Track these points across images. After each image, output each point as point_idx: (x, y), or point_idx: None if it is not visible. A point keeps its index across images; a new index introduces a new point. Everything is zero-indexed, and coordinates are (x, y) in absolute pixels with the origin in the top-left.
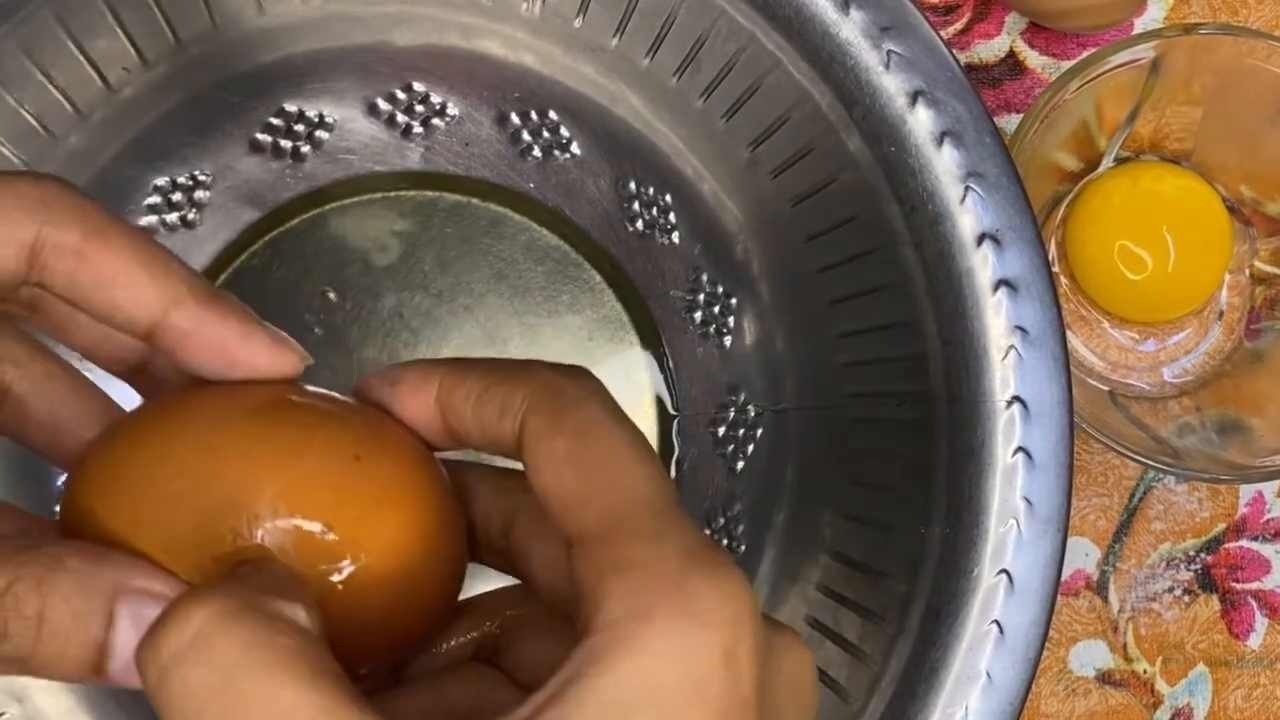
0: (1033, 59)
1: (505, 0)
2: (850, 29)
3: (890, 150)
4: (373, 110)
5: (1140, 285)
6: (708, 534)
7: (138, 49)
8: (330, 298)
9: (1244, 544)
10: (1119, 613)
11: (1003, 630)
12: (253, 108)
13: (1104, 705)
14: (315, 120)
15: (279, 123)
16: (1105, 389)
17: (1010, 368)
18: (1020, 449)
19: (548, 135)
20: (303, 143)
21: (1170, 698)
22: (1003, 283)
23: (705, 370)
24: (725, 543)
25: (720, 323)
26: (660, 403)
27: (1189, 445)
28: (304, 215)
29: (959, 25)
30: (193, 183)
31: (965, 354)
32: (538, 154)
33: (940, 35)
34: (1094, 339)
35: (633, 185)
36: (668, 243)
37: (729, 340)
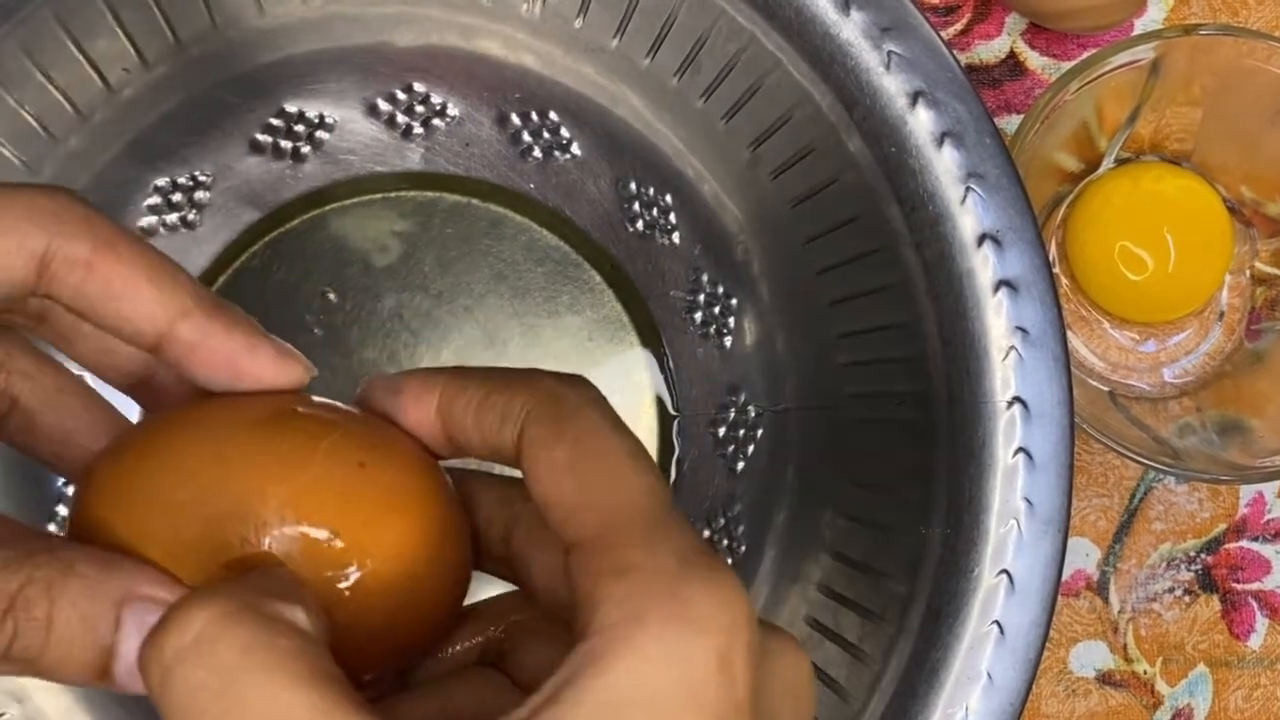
0: (1033, 60)
1: (505, 1)
2: (851, 30)
3: (891, 151)
4: (373, 111)
5: (1141, 286)
6: (708, 534)
7: (138, 49)
8: (330, 298)
9: (1244, 544)
10: (1119, 613)
11: (1003, 630)
12: (253, 108)
13: (1104, 706)
14: (315, 121)
15: (279, 123)
16: (1106, 389)
17: (1011, 368)
18: (1021, 449)
19: (548, 136)
20: (303, 143)
21: (1170, 698)
22: (1003, 283)
23: (705, 371)
24: (725, 543)
25: (720, 323)
26: (660, 403)
27: (1189, 446)
28: (304, 216)
29: (959, 26)
30: (193, 183)
31: (966, 354)
32: (538, 155)
33: (941, 36)
34: (1094, 339)
35: (633, 186)
36: (668, 243)
37: (729, 341)
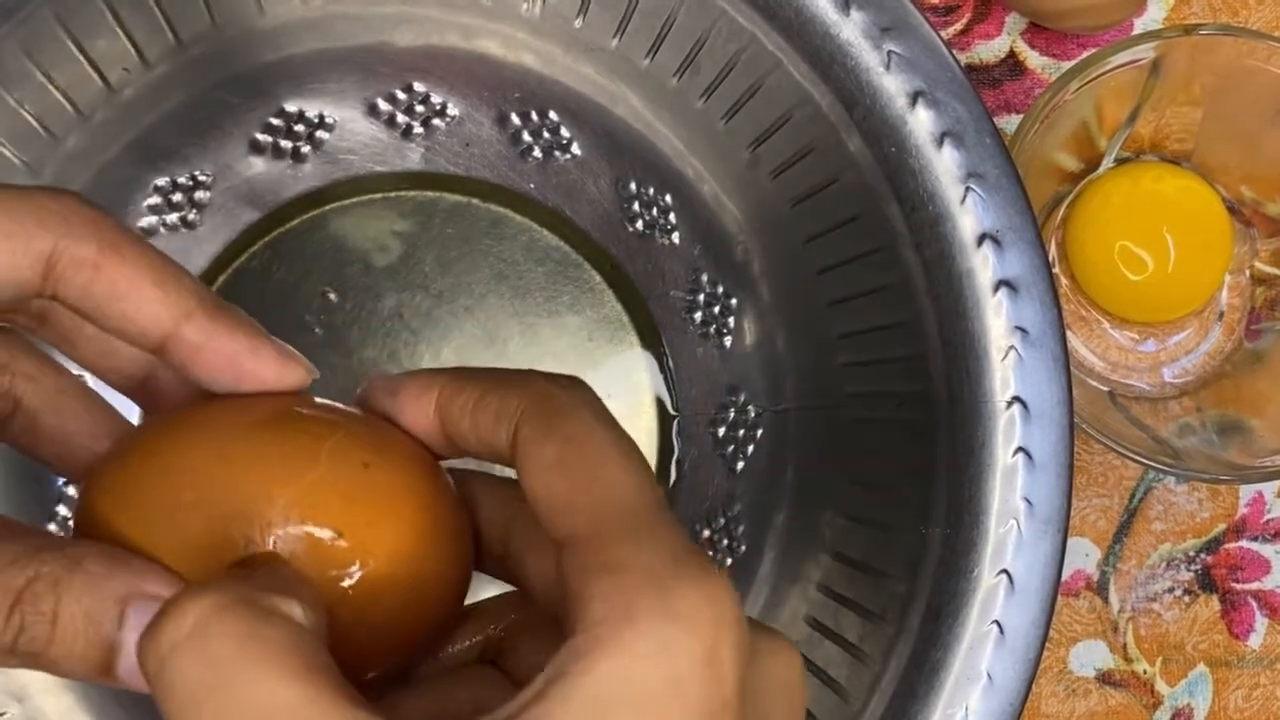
0: (1033, 59)
1: (505, 1)
2: (851, 30)
3: (891, 151)
4: (373, 110)
5: (1140, 286)
6: (707, 534)
7: (138, 49)
8: (330, 298)
9: (1244, 544)
10: (1119, 613)
11: (1003, 630)
12: (253, 108)
13: (1104, 706)
14: (315, 120)
15: (279, 123)
16: (1105, 389)
17: (1010, 368)
18: (1020, 449)
19: (548, 136)
20: (303, 143)
21: (1170, 698)
22: (1003, 283)
23: (705, 370)
24: (725, 543)
25: (720, 323)
26: (660, 403)
27: (1189, 446)
28: (304, 216)
29: (959, 26)
30: (193, 183)
31: (965, 354)
32: (538, 154)
33: (940, 36)
34: (1094, 339)
35: (633, 186)
36: (668, 243)
37: (729, 341)
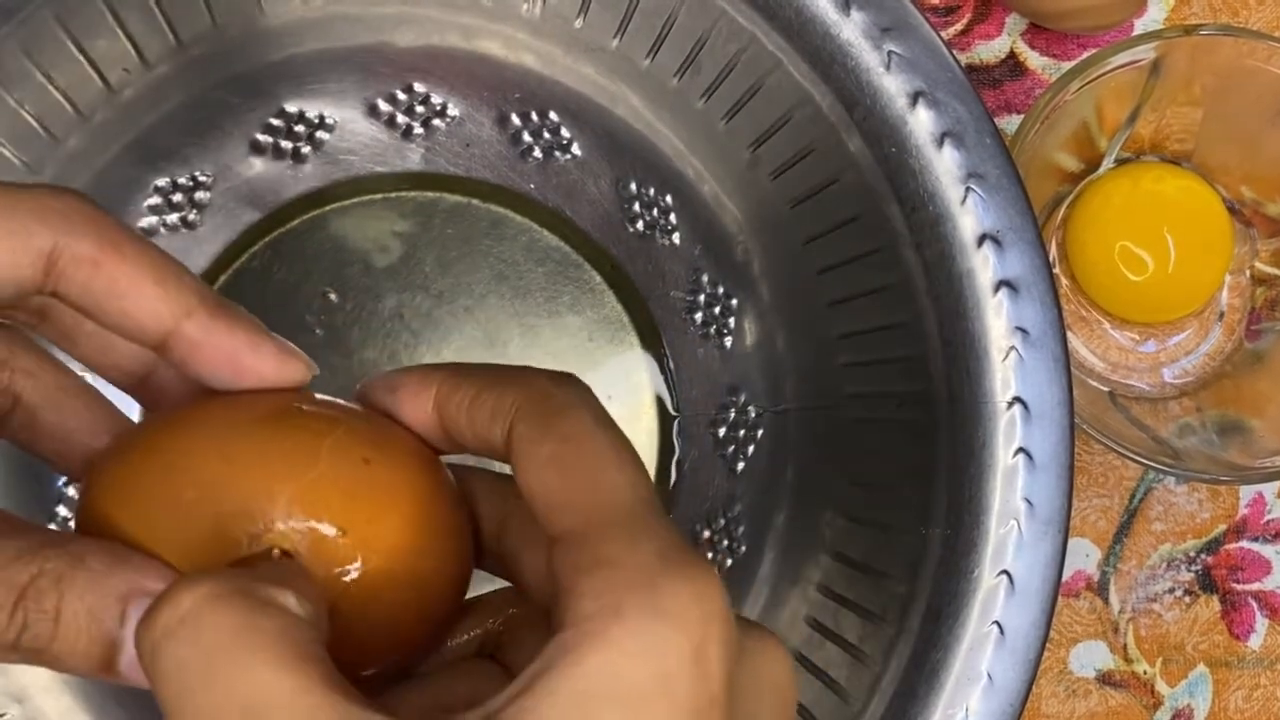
0: (1033, 60)
1: (506, 1)
2: (851, 30)
3: (891, 151)
4: (373, 111)
5: (1141, 286)
6: (707, 535)
7: (138, 49)
8: (331, 299)
9: (1244, 545)
10: (1119, 613)
11: (1003, 631)
12: (253, 108)
13: (1104, 706)
14: (316, 121)
15: (279, 123)
16: (1106, 390)
17: (1011, 369)
18: (1021, 450)
19: (548, 136)
20: (303, 143)
21: (1170, 699)
22: (1003, 284)
23: (706, 371)
24: (725, 544)
25: (721, 323)
26: (661, 403)
27: (1189, 446)
28: (304, 216)
29: (959, 26)
30: (193, 183)
31: (966, 355)
32: (538, 155)
33: (941, 36)
34: (1094, 340)
35: (633, 186)
36: (668, 244)
37: (729, 341)
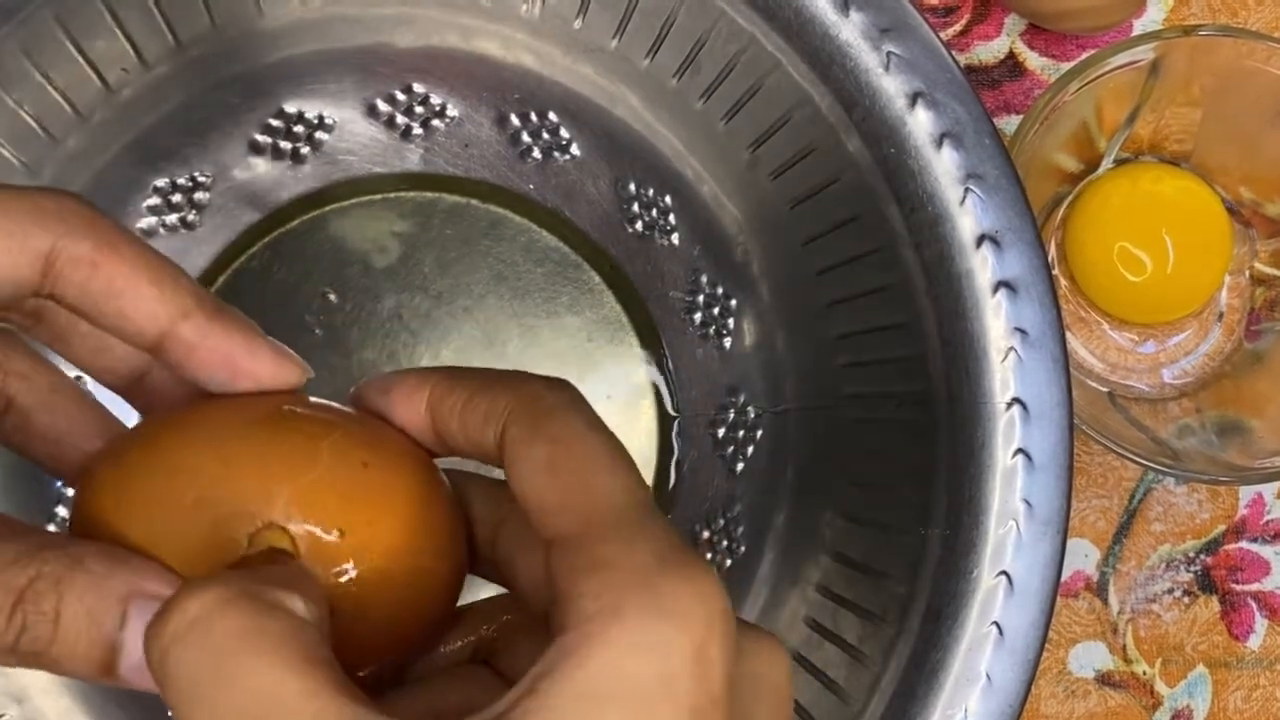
0: (1032, 60)
1: (505, 1)
2: (850, 31)
3: (890, 152)
4: (372, 111)
5: (1140, 287)
6: (707, 535)
7: (137, 50)
8: (330, 299)
9: (1243, 545)
10: (1118, 614)
11: (1002, 632)
12: (252, 109)
13: (1103, 707)
14: (315, 121)
15: (279, 124)
16: (1105, 390)
17: (1010, 369)
18: (1020, 450)
19: (547, 136)
20: (302, 144)
21: (1170, 699)
22: (1002, 284)
23: (705, 371)
24: (725, 544)
25: (720, 324)
26: (660, 404)
27: (1189, 447)
28: (304, 216)
29: (958, 27)
30: (192, 184)
31: (965, 355)
32: (537, 155)
33: (940, 37)
34: (1094, 340)
35: (632, 186)
36: (667, 244)
37: (729, 341)
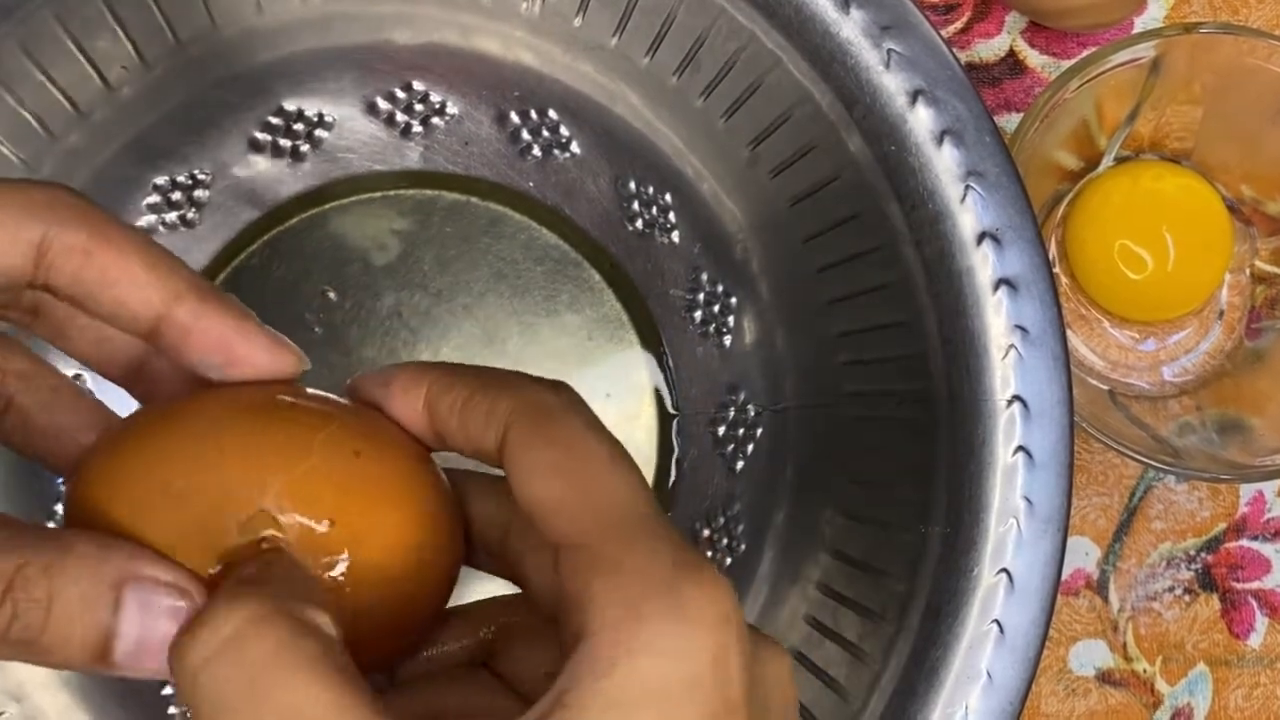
0: (1033, 58)
1: None
2: (850, 28)
3: (890, 149)
4: (372, 109)
5: (1140, 284)
6: (707, 534)
7: (137, 48)
8: (330, 297)
9: (1244, 543)
10: (1119, 612)
11: (1003, 629)
12: (252, 107)
13: (1104, 705)
14: (314, 119)
15: (278, 122)
16: (1105, 388)
17: (1010, 367)
18: (1020, 448)
19: (547, 134)
20: (302, 142)
21: (1170, 697)
22: (1003, 282)
23: (705, 370)
24: (725, 542)
25: (720, 322)
26: (660, 402)
27: (1189, 444)
28: (303, 214)
29: (959, 24)
30: (192, 182)
31: (965, 353)
32: (537, 153)
33: (940, 34)
34: (1094, 338)
35: (632, 184)
36: (667, 242)
37: (729, 339)
